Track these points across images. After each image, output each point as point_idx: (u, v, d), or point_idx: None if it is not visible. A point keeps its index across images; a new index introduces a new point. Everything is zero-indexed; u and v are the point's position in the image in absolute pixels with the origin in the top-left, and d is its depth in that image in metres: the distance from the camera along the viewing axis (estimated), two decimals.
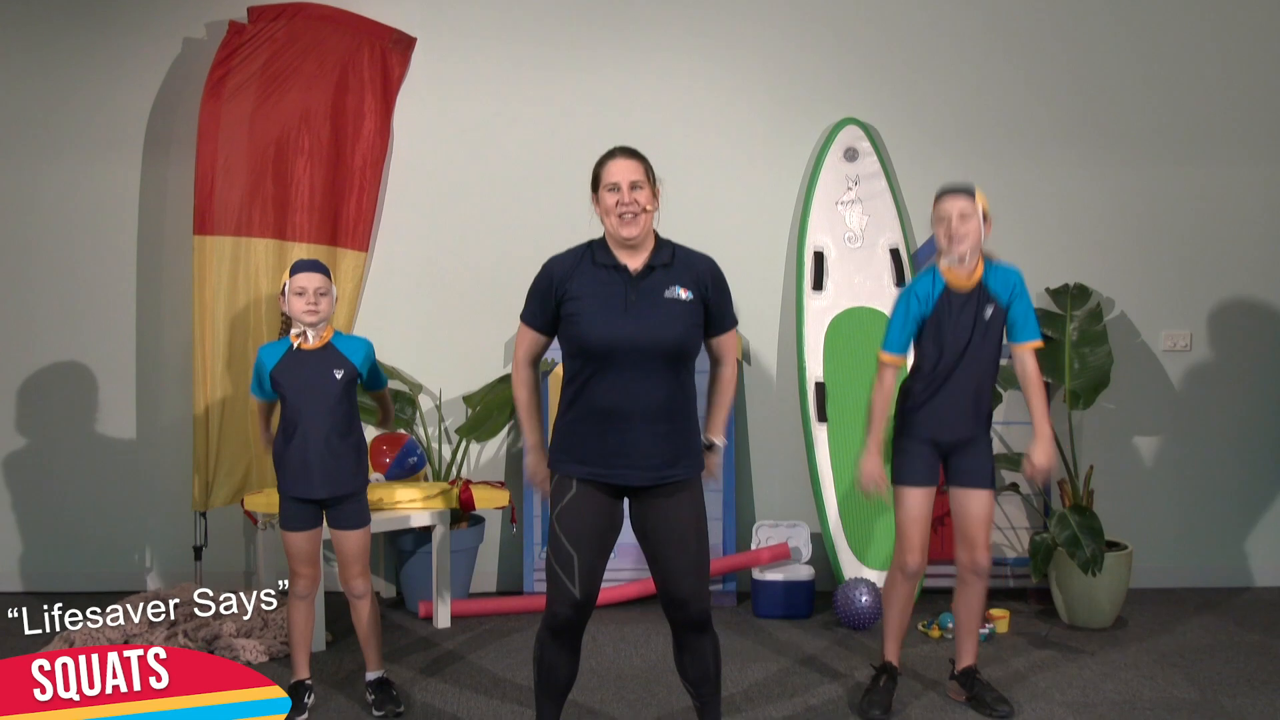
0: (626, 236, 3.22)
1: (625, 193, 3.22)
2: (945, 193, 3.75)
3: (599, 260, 3.26)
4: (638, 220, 3.22)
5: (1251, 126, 5.44)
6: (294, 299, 3.76)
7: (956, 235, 3.69)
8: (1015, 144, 5.39)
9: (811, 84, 5.39)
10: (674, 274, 3.26)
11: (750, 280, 5.40)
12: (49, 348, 5.34)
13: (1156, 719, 3.87)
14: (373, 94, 5.24)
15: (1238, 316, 5.47)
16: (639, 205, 3.22)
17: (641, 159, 3.30)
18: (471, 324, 5.36)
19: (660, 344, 3.17)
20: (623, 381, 3.18)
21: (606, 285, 3.23)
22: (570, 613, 3.21)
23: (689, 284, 3.26)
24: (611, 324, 3.17)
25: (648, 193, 3.25)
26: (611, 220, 3.24)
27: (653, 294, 3.22)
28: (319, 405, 3.77)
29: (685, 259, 3.30)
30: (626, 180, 3.23)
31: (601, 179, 3.29)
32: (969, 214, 3.69)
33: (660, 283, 3.23)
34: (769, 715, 3.91)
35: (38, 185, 5.32)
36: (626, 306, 3.19)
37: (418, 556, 5.05)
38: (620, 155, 3.30)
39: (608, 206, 3.25)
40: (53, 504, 5.37)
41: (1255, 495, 5.50)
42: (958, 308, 3.76)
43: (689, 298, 3.24)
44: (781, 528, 5.24)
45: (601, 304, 3.20)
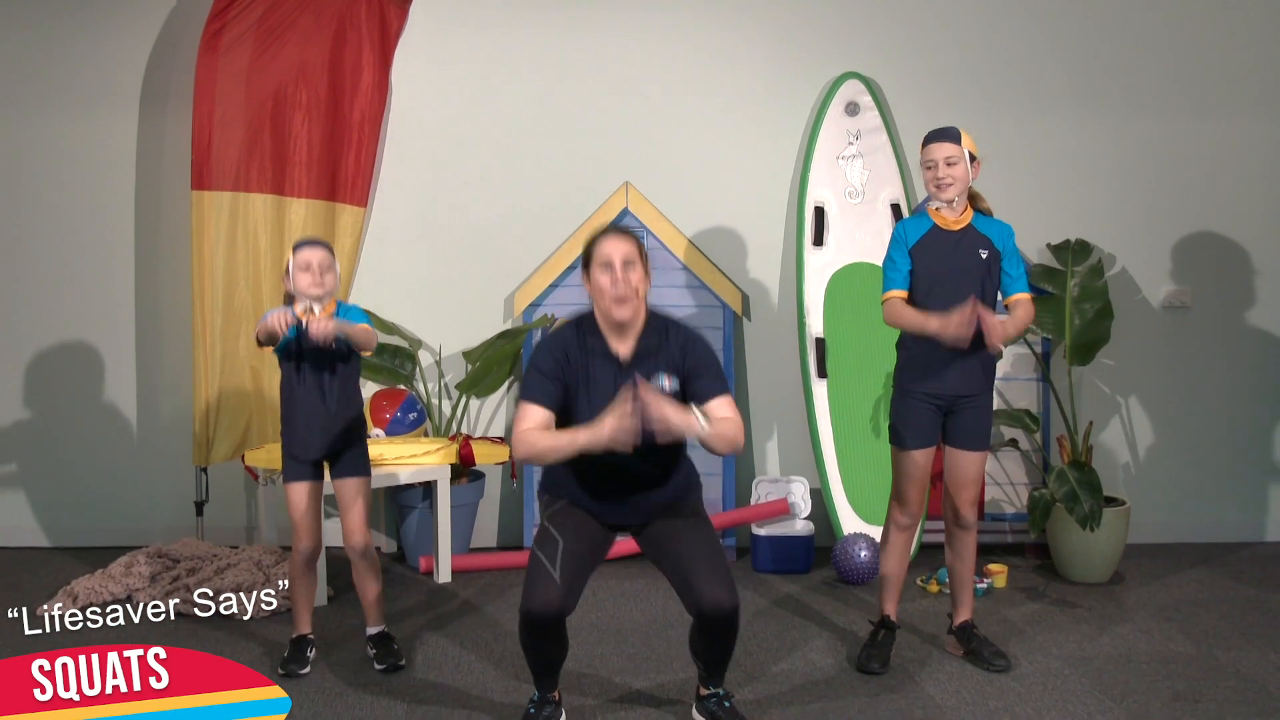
0: (619, 319, 3.24)
1: (618, 272, 3.21)
2: (931, 138, 3.79)
3: (591, 346, 3.28)
4: (629, 302, 3.22)
5: (1257, 82, 5.40)
6: (299, 274, 3.78)
7: (944, 180, 3.74)
8: (1017, 98, 5.36)
9: (812, 38, 5.35)
10: (660, 360, 3.28)
11: (750, 236, 5.39)
12: (47, 305, 5.33)
13: (1152, 672, 3.91)
14: (371, 47, 5.20)
15: (1239, 274, 5.46)
16: (631, 287, 3.21)
17: (634, 238, 3.29)
18: (471, 279, 5.34)
19: (648, 438, 3.10)
20: (617, 464, 3.20)
21: (601, 375, 3.26)
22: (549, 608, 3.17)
23: (673, 370, 3.28)
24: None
25: (640, 272, 3.25)
26: (605, 302, 3.24)
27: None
28: (322, 372, 3.83)
29: (670, 340, 3.30)
30: (620, 258, 3.22)
31: (594, 256, 3.26)
32: (955, 159, 3.73)
33: (648, 372, 3.25)
34: (768, 670, 3.94)
35: (34, 140, 5.29)
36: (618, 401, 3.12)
37: (418, 512, 5.07)
38: (613, 234, 3.29)
39: (601, 287, 3.23)
40: (54, 460, 5.38)
41: (1252, 452, 5.51)
42: (949, 247, 3.78)
43: (674, 388, 3.27)
44: (781, 483, 5.26)
45: (597, 394, 3.22)
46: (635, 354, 3.28)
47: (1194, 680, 3.84)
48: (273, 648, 4.08)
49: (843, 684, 3.82)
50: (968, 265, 3.78)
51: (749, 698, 3.70)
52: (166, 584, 4.63)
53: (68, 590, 4.57)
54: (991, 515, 5.27)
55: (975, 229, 3.81)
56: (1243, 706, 3.63)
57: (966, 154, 3.75)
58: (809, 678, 3.87)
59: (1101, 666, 3.96)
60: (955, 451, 3.90)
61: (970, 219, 3.82)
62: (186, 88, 5.12)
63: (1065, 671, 3.91)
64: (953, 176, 3.73)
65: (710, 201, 5.37)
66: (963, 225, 3.81)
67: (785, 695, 3.72)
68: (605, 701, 3.69)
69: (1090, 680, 3.84)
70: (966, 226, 3.81)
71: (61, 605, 4.48)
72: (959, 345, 3.69)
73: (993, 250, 3.80)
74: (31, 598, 4.61)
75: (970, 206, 3.84)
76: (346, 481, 3.91)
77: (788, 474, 5.36)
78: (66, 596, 4.54)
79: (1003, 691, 3.74)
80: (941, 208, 3.79)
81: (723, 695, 3.46)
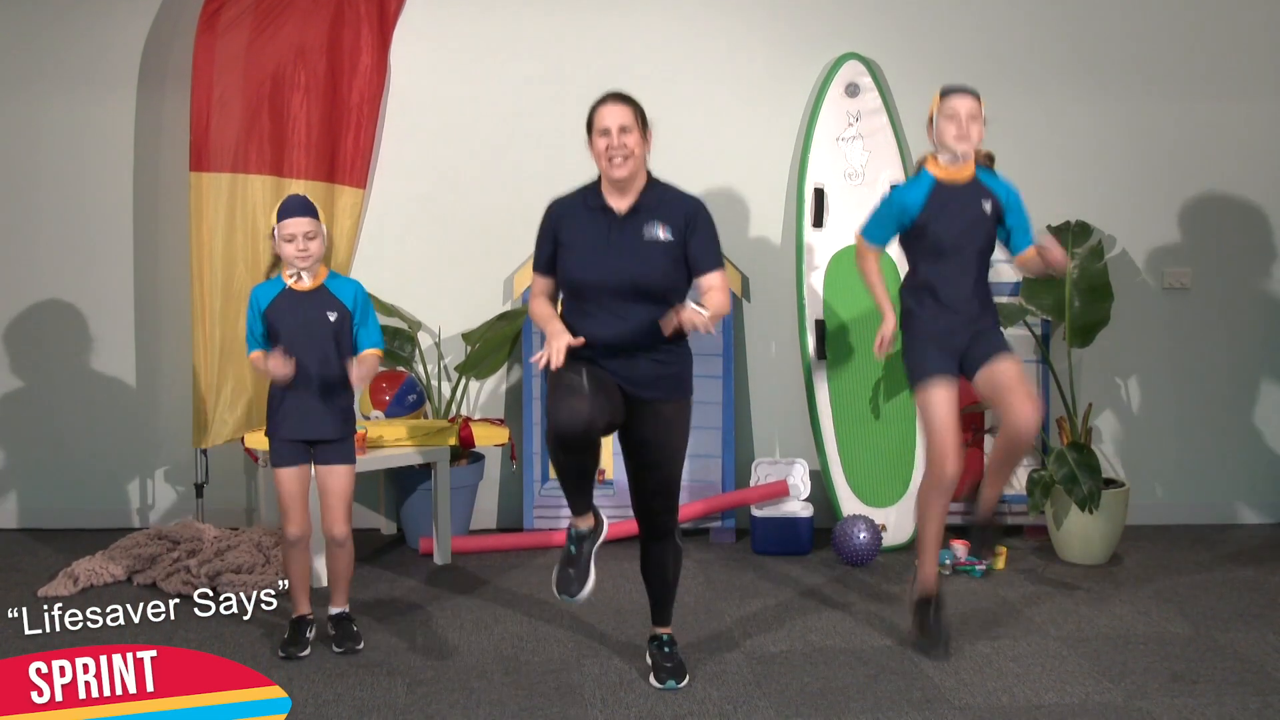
0: (615, 178, 3.43)
1: (614, 137, 3.40)
2: (954, 91, 3.83)
3: (590, 203, 3.50)
4: (626, 163, 3.40)
5: (1259, 63, 5.39)
6: (284, 245, 3.76)
7: (964, 133, 3.77)
8: (1018, 78, 5.34)
9: (812, 18, 5.33)
10: (657, 214, 3.46)
11: (751, 217, 5.38)
12: (46, 286, 5.32)
13: (1150, 653, 3.92)
14: (369, 28, 5.18)
15: (1239, 255, 5.45)
16: (627, 149, 3.40)
17: (632, 103, 3.48)
18: (471, 261, 5.34)
19: (640, 284, 3.39)
20: (612, 315, 3.40)
21: (593, 226, 3.46)
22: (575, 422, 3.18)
23: (670, 224, 3.44)
24: (592, 263, 3.43)
25: (636, 136, 3.43)
26: (602, 163, 3.44)
27: (634, 235, 3.43)
28: (311, 347, 3.79)
29: (671, 200, 3.49)
30: (616, 125, 3.41)
31: (594, 124, 3.46)
32: (976, 115, 3.79)
33: (642, 223, 3.44)
34: (767, 650, 3.95)
35: (31, 122, 5.27)
36: (608, 246, 3.42)
37: (418, 494, 5.08)
38: (611, 101, 3.47)
39: (598, 150, 3.44)
40: (53, 442, 5.38)
41: (1251, 434, 5.51)
42: (952, 199, 3.81)
43: (668, 238, 3.43)
44: (781, 465, 5.26)
45: (586, 244, 3.45)
46: (632, 209, 3.45)
47: (1192, 661, 3.85)
48: (273, 632, 4.08)
49: (842, 665, 3.83)
50: (973, 218, 3.82)
51: (748, 677, 3.71)
52: (167, 566, 4.63)
53: (68, 572, 4.58)
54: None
55: (979, 181, 3.85)
56: (1240, 687, 3.64)
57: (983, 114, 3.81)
58: (808, 659, 3.88)
59: (1100, 647, 3.97)
60: (983, 371, 3.79)
61: (973, 172, 3.85)
62: (184, 69, 5.10)
63: (1064, 652, 3.92)
64: (971, 132, 3.78)
65: (710, 183, 5.35)
66: (968, 177, 3.84)
67: (784, 676, 3.73)
68: (604, 683, 3.70)
69: (1088, 661, 3.85)
70: (971, 179, 3.84)
71: (62, 587, 4.49)
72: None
73: (996, 202, 3.83)
74: (32, 579, 4.62)
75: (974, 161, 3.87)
76: (333, 469, 3.87)
77: (787, 456, 5.36)
78: (67, 578, 4.54)
79: (1001, 673, 3.75)
80: (951, 161, 3.81)
81: (665, 640, 3.71)
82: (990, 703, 3.54)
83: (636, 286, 3.38)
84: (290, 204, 3.82)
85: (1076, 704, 3.54)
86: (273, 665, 3.80)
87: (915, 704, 3.54)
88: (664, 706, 3.52)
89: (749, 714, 3.48)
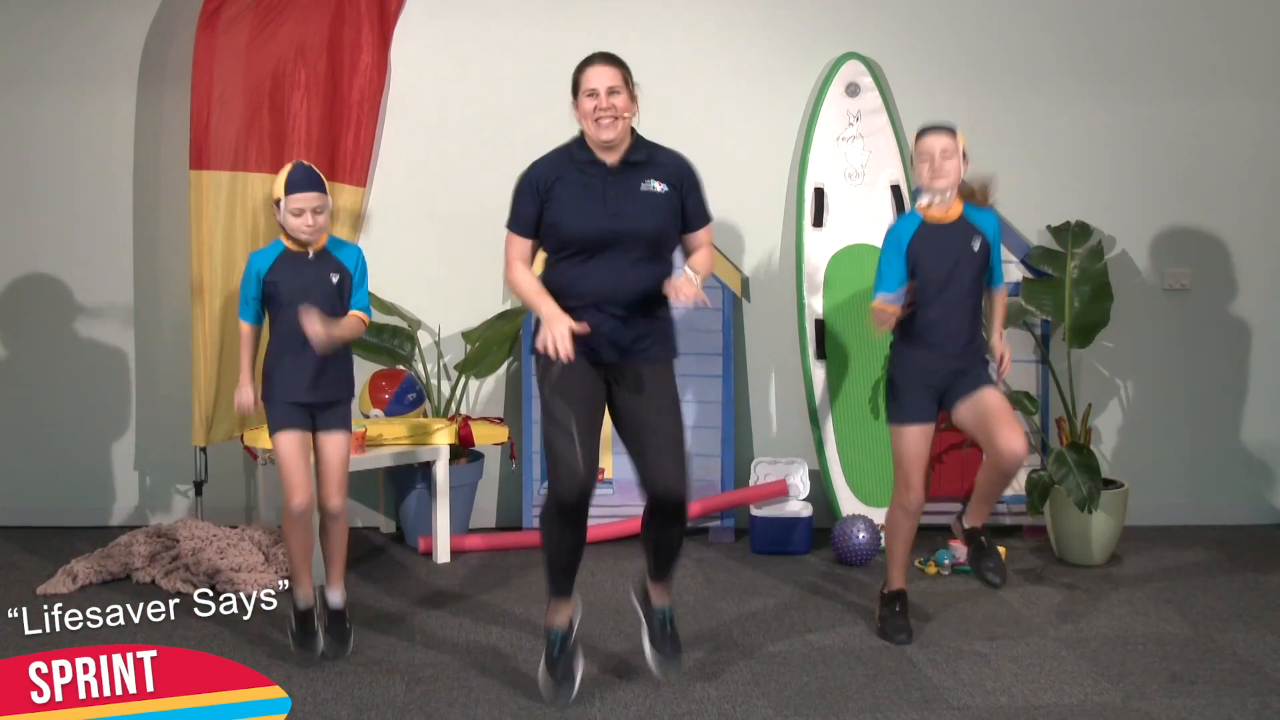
0: (604, 140, 3.36)
1: (603, 98, 3.34)
2: (927, 130, 3.84)
3: (578, 158, 3.41)
4: (615, 125, 3.35)
5: (1257, 65, 5.39)
6: (291, 217, 3.73)
7: (939, 171, 3.78)
8: (1017, 80, 5.34)
9: (813, 18, 5.33)
10: (650, 169, 3.42)
11: (750, 216, 5.38)
12: (45, 284, 5.32)
13: (1149, 653, 3.92)
14: (370, 26, 5.17)
15: (1239, 256, 5.45)
16: (616, 110, 3.35)
17: (620, 64, 3.43)
18: (471, 260, 5.33)
19: (639, 233, 3.35)
20: (605, 271, 3.36)
21: (586, 181, 3.39)
22: (576, 496, 3.31)
23: (665, 179, 3.42)
24: (591, 216, 3.35)
25: (625, 97, 3.38)
26: (589, 124, 3.38)
27: (630, 187, 3.39)
28: (314, 307, 3.70)
29: (661, 156, 3.47)
30: (604, 86, 3.35)
31: (580, 85, 3.40)
32: (951, 152, 3.79)
33: (637, 177, 3.40)
34: (766, 650, 3.95)
35: (31, 119, 5.27)
36: (605, 200, 3.37)
37: (417, 492, 5.08)
38: (599, 61, 3.41)
39: (585, 111, 3.37)
40: (53, 440, 5.38)
41: (1251, 434, 5.52)
42: (938, 239, 3.83)
43: (665, 190, 3.41)
44: (780, 464, 5.26)
45: (583, 199, 3.37)
46: (623, 162, 3.41)
47: (1191, 662, 3.85)
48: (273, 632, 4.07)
49: (840, 664, 3.83)
50: (961, 256, 3.83)
51: (746, 677, 3.72)
52: (166, 563, 4.63)
53: (67, 570, 4.58)
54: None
55: (967, 220, 3.87)
56: (1239, 688, 3.65)
57: (960, 149, 3.81)
58: (806, 658, 3.88)
59: (1099, 648, 3.97)
60: (967, 401, 3.82)
61: (960, 211, 3.87)
62: (185, 66, 5.10)
63: (1062, 653, 3.92)
64: (948, 168, 3.78)
65: (710, 182, 5.24)
66: (953, 218, 3.86)
67: (783, 675, 3.73)
68: (602, 679, 3.70)
69: (1087, 661, 3.85)
70: (958, 219, 3.86)
71: (61, 585, 4.50)
72: None
73: (984, 241, 3.86)
74: (31, 577, 4.62)
75: (960, 199, 3.86)
76: (331, 436, 3.82)
77: (787, 455, 5.36)
78: (66, 576, 4.54)
79: (999, 673, 3.75)
80: (934, 201, 3.82)
81: (668, 614, 3.62)
82: (989, 703, 3.55)
83: (636, 237, 3.34)
84: (298, 176, 3.75)
85: (1075, 704, 3.54)
86: (272, 664, 3.79)
87: (914, 704, 3.54)
88: (663, 706, 3.52)
89: (748, 713, 3.48)
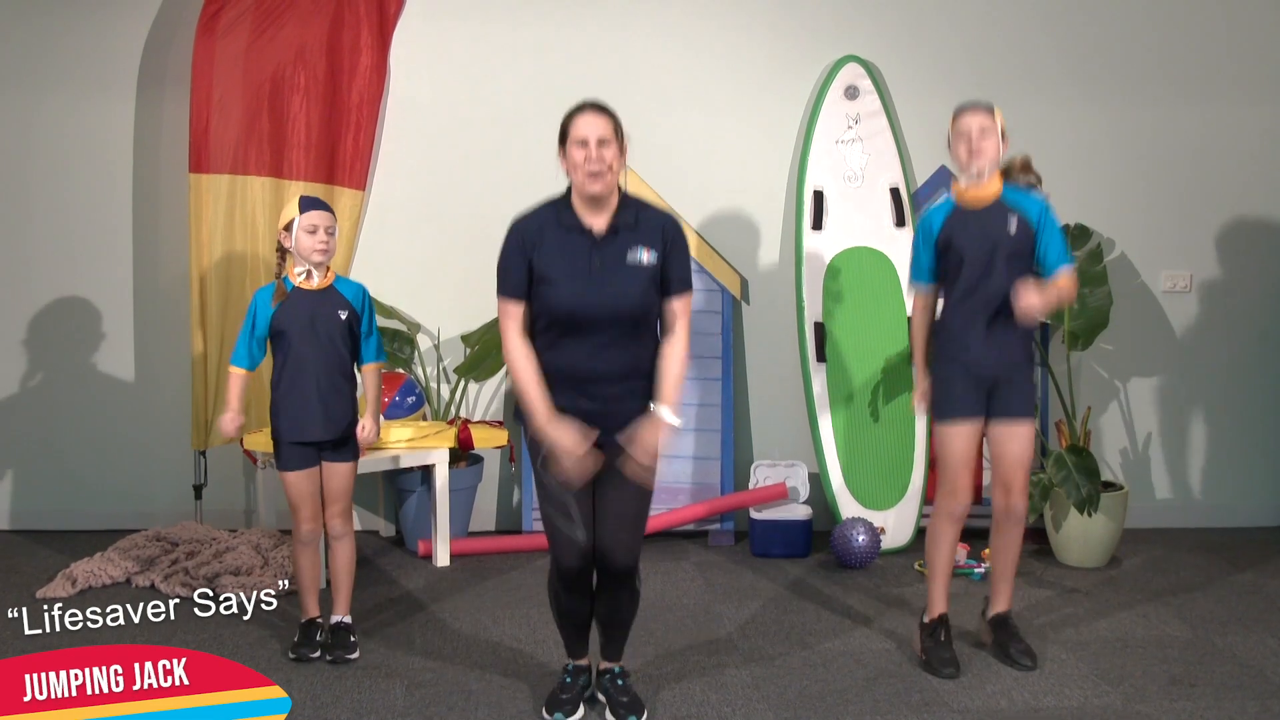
0: (591, 193, 3.21)
1: (593, 149, 3.19)
2: (965, 109, 3.73)
3: (564, 222, 3.26)
4: (603, 179, 3.19)
5: (1255, 67, 5.39)
6: (304, 236, 3.74)
7: (976, 150, 3.67)
8: (1016, 82, 5.34)
9: (812, 21, 5.33)
10: (637, 235, 3.26)
11: (749, 219, 5.38)
12: (45, 287, 5.32)
13: (1149, 656, 3.92)
14: (369, 29, 5.18)
15: (1238, 258, 5.45)
16: (605, 163, 3.19)
17: (610, 114, 3.26)
18: (470, 263, 5.32)
19: (621, 311, 3.21)
20: (588, 346, 3.23)
21: (573, 249, 3.24)
22: (579, 562, 3.31)
23: (650, 245, 3.26)
24: (578, 292, 3.20)
25: (615, 150, 3.23)
26: (578, 176, 3.22)
27: (617, 258, 3.23)
28: (321, 345, 3.77)
29: (648, 219, 3.30)
30: (595, 137, 3.20)
31: (570, 134, 3.25)
32: (989, 130, 3.67)
33: (624, 246, 3.24)
34: (765, 653, 3.95)
35: (30, 122, 5.27)
36: (591, 273, 3.21)
37: (417, 495, 5.08)
38: (589, 111, 3.26)
39: (575, 162, 3.22)
40: (52, 444, 5.37)
41: (1250, 436, 5.52)
42: (973, 224, 3.71)
43: (651, 261, 3.25)
44: (779, 467, 5.26)
45: (569, 270, 3.22)
46: (610, 229, 3.25)
47: (1190, 665, 3.85)
48: (273, 632, 4.08)
49: (840, 668, 3.83)
50: (996, 240, 3.68)
51: (746, 680, 3.71)
52: (165, 567, 4.63)
53: (66, 573, 4.58)
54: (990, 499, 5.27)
55: (1004, 202, 3.73)
56: (1239, 691, 3.65)
57: (999, 127, 3.70)
58: (806, 661, 3.88)
59: (1098, 651, 3.97)
60: (998, 427, 3.77)
61: (998, 193, 3.73)
62: (184, 70, 5.10)
63: (1062, 656, 3.92)
64: (985, 147, 3.66)
65: (709, 185, 5.35)
66: (988, 201, 3.73)
67: (783, 679, 3.73)
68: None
69: (1087, 665, 3.85)
70: (994, 202, 3.73)
71: (60, 588, 4.49)
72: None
73: (1024, 222, 3.70)
74: (31, 581, 4.62)
75: (1001, 178, 3.76)
76: (335, 467, 3.86)
77: (786, 458, 5.36)
78: (65, 580, 4.54)
79: (999, 676, 3.75)
80: (971, 181, 3.72)
81: (618, 672, 3.54)
82: (988, 706, 3.54)
83: (618, 315, 3.21)
84: (312, 199, 3.84)
85: (1075, 707, 3.54)
86: (272, 666, 3.79)
87: (913, 707, 3.54)
88: (663, 709, 3.52)
89: (747, 716, 3.48)
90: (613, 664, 3.55)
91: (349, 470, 3.88)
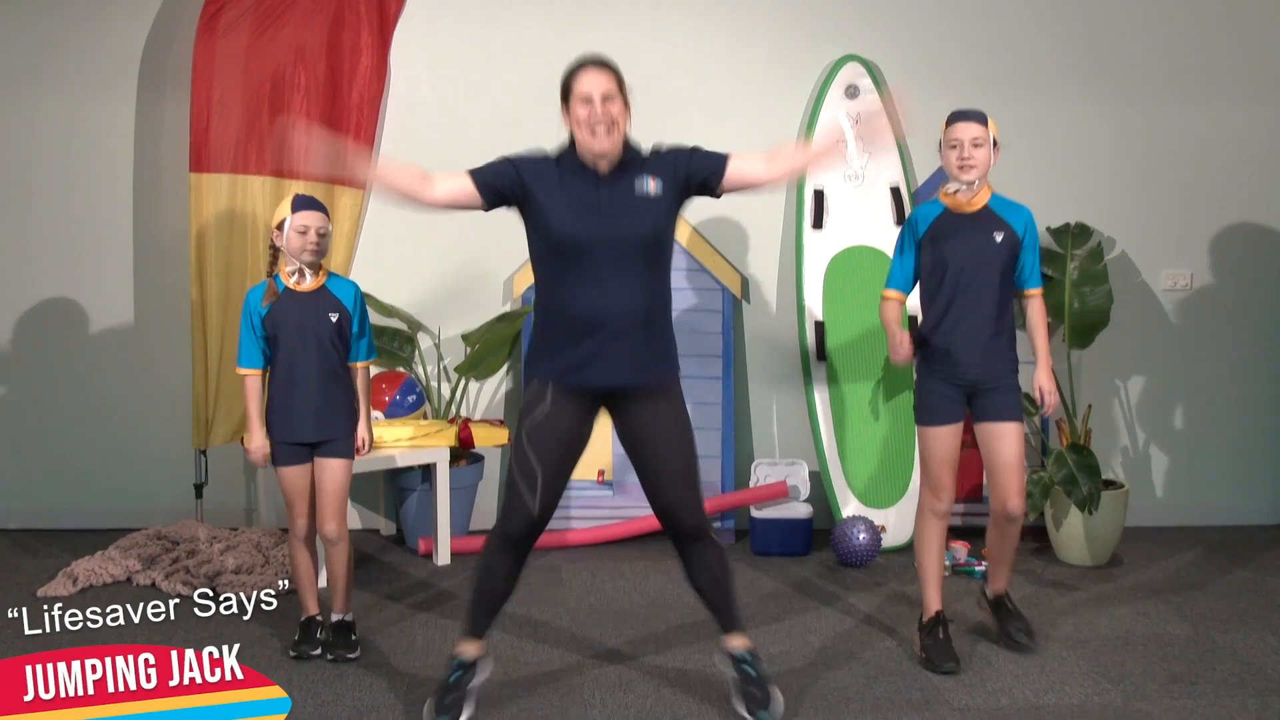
0: (599, 152, 3.15)
1: (598, 105, 3.12)
2: (958, 118, 3.72)
3: (565, 164, 3.22)
4: (610, 134, 3.13)
5: (1255, 66, 5.39)
6: (295, 236, 3.72)
7: (968, 161, 3.67)
8: (1017, 81, 5.34)
9: (813, 20, 5.33)
10: (642, 168, 3.21)
11: (750, 219, 5.38)
12: (45, 286, 5.32)
13: (1149, 654, 3.92)
14: (369, 29, 5.18)
15: (1238, 257, 5.46)
16: (611, 118, 3.13)
17: (613, 69, 3.19)
18: (470, 262, 5.34)
19: (632, 238, 3.13)
20: (597, 283, 3.14)
21: (578, 186, 3.18)
22: (525, 529, 3.26)
23: (658, 172, 3.21)
24: (583, 221, 3.14)
25: (620, 105, 3.16)
26: (583, 133, 3.15)
27: (624, 192, 3.17)
28: (313, 347, 3.76)
29: (654, 154, 3.27)
30: (599, 93, 3.13)
31: (572, 90, 3.18)
32: (981, 140, 3.68)
33: (630, 180, 3.18)
34: (767, 651, 3.94)
35: (30, 122, 5.27)
36: (599, 205, 3.15)
37: (418, 494, 5.08)
38: (592, 66, 3.17)
39: (579, 119, 3.15)
40: (53, 443, 5.38)
41: (1251, 436, 5.52)
42: (959, 228, 3.72)
43: (658, 192, 3.19)
44: (780, 466, 5.26)
45: (572, 201, 3.16)
46: (617, 166, 3.19)
47: (1191, 662, 3.85)
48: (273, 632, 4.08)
49: (841, 666, 3.83)
50: (981, 249, 3.71)
51: None
52: (166, 566, 4.64)
53: (67, 572, 4.58)
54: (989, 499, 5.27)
55: (992, 211, 3.75)
56: (1239, 689, 3.65)
57: (991, 137, 3.70)
58: (807, 659, 3.88)
59: (1099, 649, 3.97)
60: (986, 428, 3.77)
61: (987, 201, 3.75)
62: (184, 70, 5.11)
63: (1063, 654, 3.92)
64: (976, 158, 3.67)
65: None
66: (977, 208, 3.74)
67: (784, 677, 3.72)
68: (604, 683, 3.70)
69: (1088, 662, 3.85)
70: (982, 209, 3.74)
71: (61, 587, 4.49)
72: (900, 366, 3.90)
73: (1010, 234, 3.73)
74: (31, 580, 4.62)
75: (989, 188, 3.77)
76: (328, 464, 3.82)
77: (787, 457, 5.36)
78: (66, 578, 4.54)
79: (1000, 674, 3.75)
80: (960, 190, 3.73)
81: (749, 658, 3.41)
82: (989, 704, 3.55)
83: (629, 241, 3.13)
84: (305, 198, 3.80)
85: (1075, 705, 3.54)
86: (272, 665, 3.80)
87: (914, 705, 3.54)
88: (663, 708, 3.52)
89: None
90: (740, 645, 3.42)
91: (342, 467, 3.85)
